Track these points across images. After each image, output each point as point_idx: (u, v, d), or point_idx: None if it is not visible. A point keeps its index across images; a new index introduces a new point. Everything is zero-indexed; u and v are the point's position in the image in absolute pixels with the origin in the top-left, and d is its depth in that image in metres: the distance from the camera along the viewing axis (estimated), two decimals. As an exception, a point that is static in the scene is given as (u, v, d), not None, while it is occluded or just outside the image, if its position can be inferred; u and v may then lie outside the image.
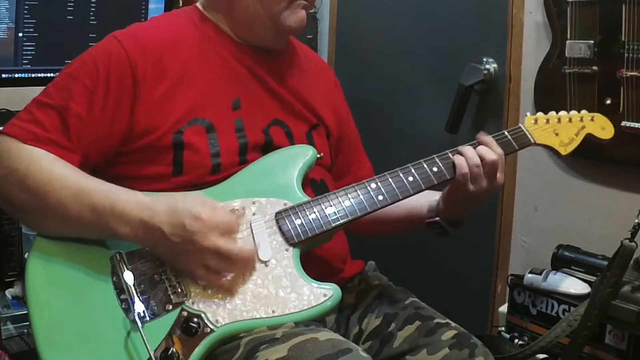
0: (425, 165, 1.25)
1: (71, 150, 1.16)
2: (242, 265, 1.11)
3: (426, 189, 1.25)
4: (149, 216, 1.08)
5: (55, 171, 1.12)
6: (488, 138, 1.27)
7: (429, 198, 1.35)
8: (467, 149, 1.25)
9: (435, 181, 1.25)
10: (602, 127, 1.40)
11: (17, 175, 1.11)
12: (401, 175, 1.24)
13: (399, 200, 1.23)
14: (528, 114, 1.39)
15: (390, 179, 1.23)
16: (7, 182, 1.12)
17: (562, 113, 1.39)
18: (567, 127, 1.38)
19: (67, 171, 1.13)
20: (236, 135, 1.26)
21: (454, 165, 1.25)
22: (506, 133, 1.33)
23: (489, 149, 1.24)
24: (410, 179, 1.24)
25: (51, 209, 1.11)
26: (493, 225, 2.04)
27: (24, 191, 1.11)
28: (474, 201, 1.27)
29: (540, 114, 1.38)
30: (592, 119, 1.39)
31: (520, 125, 1.36)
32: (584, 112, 1.40)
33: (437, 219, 1.33)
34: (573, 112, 1.40)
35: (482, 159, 1.23)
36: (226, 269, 1.10)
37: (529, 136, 1.34)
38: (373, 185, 1.22)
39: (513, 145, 1.32)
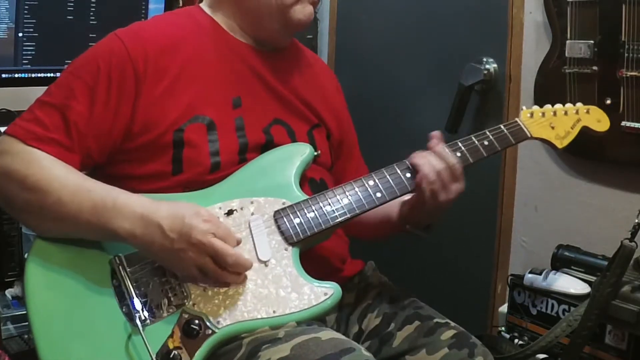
0: None
1: (72, 149, 1.16)
2: (237, 271, 1.10)
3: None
4: (150, 212, 1.09)
5: (54, 171, 1.12)
6: (440, 148, 1.24)
7: (402, 206, 1.33)
8: (423, 165, 1.22)
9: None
10: (597, 120, 1.40)
11: (17, 175, 1.12)
12: (399, 171, 1.24)
13: (397, 197, 1.23)
14: (524, 107, 1.39)
15: (387, 176, 1.24)
16: (7, 182, 1.13)
17: (558, 106, 1.40)
18: (562, 120, 1.38)
19: (67, 171, 1.14)
20: (236, 134, 1.26)
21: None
22: (502, 127, 1.33)
23: (442, 162, 1.22)
24: (408, 175, 1.24)
25: (48, 208, 1.11)
26: (493, 225, 2.04)
27: (24, 191, 1.11)
28: (438, 210, 1.26)
29: (535, 108, 1.38)
30: (587, 112, 1.40)
31: (517, 119, 1.36)
32: (579, 104, 1.41)
33: (408, 227, 1.33)
34: (569, 105, 1.40)
35: (438, 172, 1.21)
36: (220, 273, 1.09)
37: (525, 130, 1.34)
38: (371, 183, 1.23)
39: (509, 139, 1.32)
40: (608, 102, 1.64)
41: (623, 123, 1.61)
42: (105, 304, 1.09)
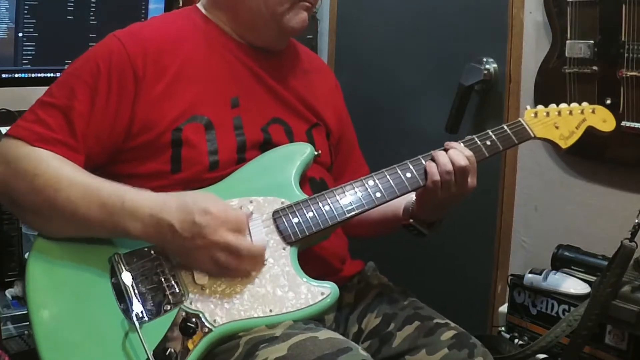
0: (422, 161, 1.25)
1: (77, 149, 1.17)
2: (252, 262, 1.12)
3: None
4: (160, 212, 1.09)
5: (63, 171, 1.12)
6: (456, 143, 1.25)
7: (406, 199, 1.33)
8: (440, 155, 1.23)
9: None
10: (603, 120, 1.40)
11: (25, 176, 1.12)
12: (399, 172, 1.24)
13: (397, 197, 1.23)
14: (528, 107, 1.38)
15: (387, 176, 1.23)
16: (15, 183, 1.13)
17: (563, 106, 1.39)
18: (567, 120, 1.37)
19: (75, 171, 1.14)
20: (234, 133, 1.26)
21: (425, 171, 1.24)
22: (505, 127, 1.32)
23: (460, 153, 1.22)
24: (409, 175, 1.24)
25: (59, 208, 1.11)
26: (493, 225, 2.03)
27: (32, 192, 1.11)
28: (446, 205, 1.27)
29: (540, 107, 1.37)
30: (593, 111, 1.39)
31: (520, 119, 1.35)
32: (584, 104, 1.40)
33: (412, 221, 1.33)
34: (574, 105, 1.40)
35: (452, 164, 1.21)
36: (235, 264, 1.10)
37: (529, 130, 1.33)
38: (370, 183, 1.22)
39: (512, 139, 1.31)
40: (608, 102, 1.64)
41: (623, 123, 1.61)
42: (103, 301, 1.09)
